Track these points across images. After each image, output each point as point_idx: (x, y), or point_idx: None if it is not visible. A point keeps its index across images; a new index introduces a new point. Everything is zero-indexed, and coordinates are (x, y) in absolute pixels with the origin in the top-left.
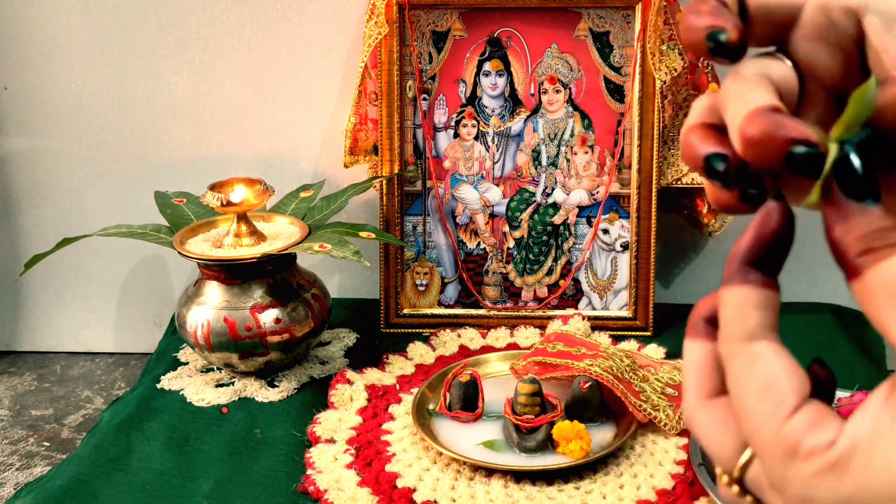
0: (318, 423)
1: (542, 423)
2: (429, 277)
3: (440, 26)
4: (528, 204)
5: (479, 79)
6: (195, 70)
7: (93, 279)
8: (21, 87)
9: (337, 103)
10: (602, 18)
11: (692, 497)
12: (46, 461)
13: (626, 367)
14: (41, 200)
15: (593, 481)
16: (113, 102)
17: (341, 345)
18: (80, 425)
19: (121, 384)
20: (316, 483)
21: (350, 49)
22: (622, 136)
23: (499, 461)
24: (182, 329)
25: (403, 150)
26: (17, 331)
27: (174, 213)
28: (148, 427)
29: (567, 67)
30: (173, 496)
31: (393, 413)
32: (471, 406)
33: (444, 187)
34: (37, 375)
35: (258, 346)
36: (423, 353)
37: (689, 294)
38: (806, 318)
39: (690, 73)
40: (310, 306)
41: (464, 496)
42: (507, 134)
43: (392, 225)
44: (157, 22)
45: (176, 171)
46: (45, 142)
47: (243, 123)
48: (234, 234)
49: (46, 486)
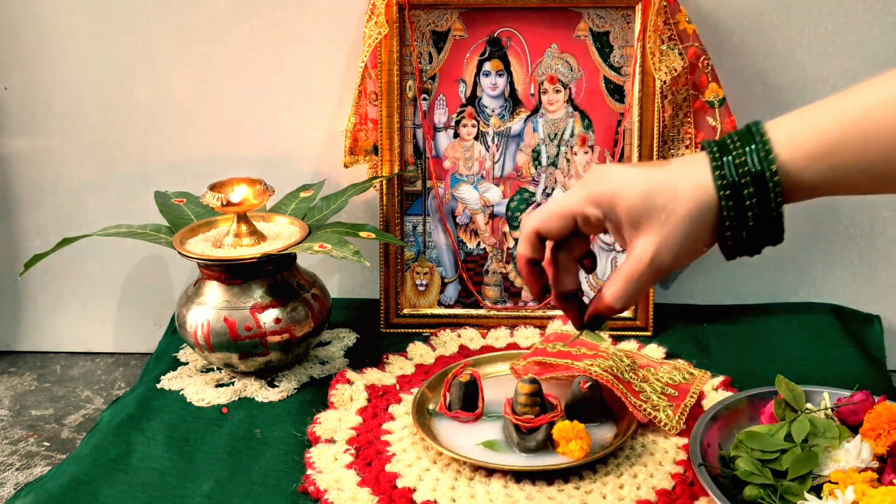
0: (318, 423)
1: (542, 423)
2: (429, 277)
3: (440, 26)
4: (528, 204)
5: (479, 79)
6: (195, 70)
7: (93, 279)
8: (21, 87)
9: (337, 103)
10: (602, 18)
11: (692, 497)
12: (46, 461)
13: (626, 367)
14: (41, 200)
15: (593, 481)
16: (113, 102)
17: (341, 345)
18: (80, 425)
19: (121, 384)
20: (316, 483)
21: (350, 49)
22: (622, 136)
23: (499, 461)
24: (182, 329)
25: (403, 150)
26: (17, 331)
27: (174, 213)
28: (148, 427)
29: (567, 67)
30: (173, 496)
31: (393, 413)
32: (471, 406)
33: (444, 187)
34: (37, 375)
35: (258, 346)
36: (423, 353)
37: (689, 294)
38: (806, 318)
39: (690, 73)
40: (310, 306)
41: (464, 496)
42: (507, 134)
43: (392, 225)
44: (157, 22)
45: (176, 171)
46: (45, 142)
47: (243, 123)
48: (234, 234)
49: (46, 486)
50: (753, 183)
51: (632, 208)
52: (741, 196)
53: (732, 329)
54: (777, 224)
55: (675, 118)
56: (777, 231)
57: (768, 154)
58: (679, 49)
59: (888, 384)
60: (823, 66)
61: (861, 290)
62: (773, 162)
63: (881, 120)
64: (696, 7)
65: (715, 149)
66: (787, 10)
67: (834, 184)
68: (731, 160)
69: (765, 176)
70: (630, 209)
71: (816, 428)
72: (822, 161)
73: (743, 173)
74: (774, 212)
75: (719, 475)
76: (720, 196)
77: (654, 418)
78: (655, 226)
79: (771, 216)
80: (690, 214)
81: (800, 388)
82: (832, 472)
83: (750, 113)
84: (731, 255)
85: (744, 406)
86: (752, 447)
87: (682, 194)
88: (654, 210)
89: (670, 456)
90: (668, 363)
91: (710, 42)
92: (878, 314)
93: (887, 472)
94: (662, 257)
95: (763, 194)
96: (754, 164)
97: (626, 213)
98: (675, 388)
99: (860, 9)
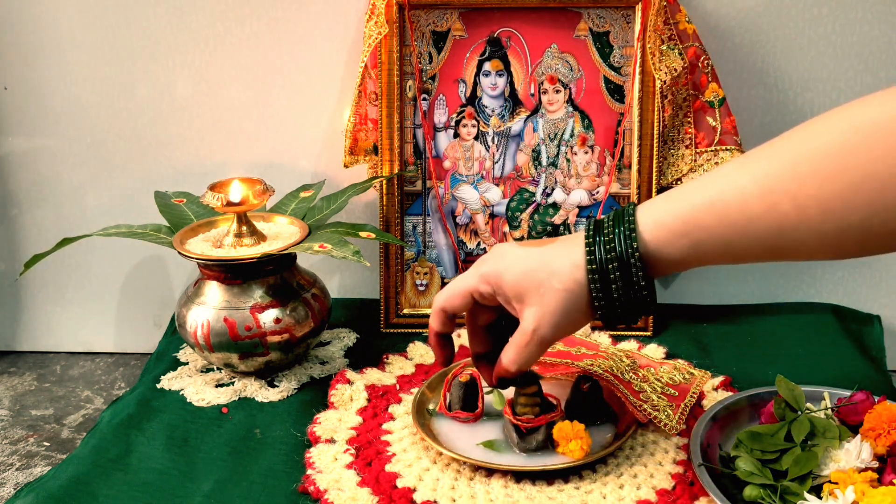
0: (318, 423)
1: (542, 423)
2: (429, 277)
3: (440, 26)
4: (528, 204)
5: (479, 79)
6: (195, 70)
7: (93, 279)
8: (21, 87)
9: (337, 103)
10: (602, 18)
11: (692, 497)
12: (46, 461)
13: (626, 367)
14: (41, 200)
15: (593, 481)
16: (113, 102)
17: (341, 345)
18: (80, 425)
19: (121, 384)
20: (316, 483)
21: (350, 49)
22: (622, 136)
23: (499, 461)
24: (182, 329)
25: (403, 150)
26: (17, 331)
27: (174, 213)
28: (148, 427)
29: (567, 67)
30: (173, 496)
31: (393, 413)
32: (471, 406)
33: (444, 187)
34: (37, 375)
35: (258, 346)
36: (423, 353)
37: (689, 294)
38: (806, 318)
39: (690, 73)
40: (310, 306)
41: (464, 496)
42: (507, 134)
43: (392, 225)
44: (156, 22)
45: (176, 171)
46: (45, 142)
47: (243, 123)
48: (234, 234)
49: (46, 486)
50: (618, 262)
51: (515, 284)
52: (606, 274)
53: (732, 329)
54: (644, 297)
55: (675, 118)
56: (647, 302)
57: (632, 235)
58: (679, 49)
59: (888, 384)
60: (823, 66)
61: (861, 290)
62: (636, 241)
63: (730, 204)
64: (696, 7)
65: (591, 230)
66: (787, 10)
67: (697, 258)
68: (601, 240)
69: (627, 256)
70: (513, 285)
71: (816, 428)
72: (683, 238)
73: (609, 255)
74: (638, 286)
75: (719, 475)
76: (588, 272)
77: (654, 418)
78: (535, 299)
79: (636, 290)
80: (566, 288)
81: (800, 388)
82: (832, 472)
83: (750, 113)
84: (608, 323)
85: (744, 406)
86: (752, 447)
87: (558, 272)
88: (533, 286)
89: (670, 456)
90: (668, 363)
91: (710, 42)
92: (878, 314)
93: (887, 472)
94: (544, 329)
95: (626, 272)
96: (619, 245)
97: (510, 289)
98: (675, 388)
99: (860, 9)
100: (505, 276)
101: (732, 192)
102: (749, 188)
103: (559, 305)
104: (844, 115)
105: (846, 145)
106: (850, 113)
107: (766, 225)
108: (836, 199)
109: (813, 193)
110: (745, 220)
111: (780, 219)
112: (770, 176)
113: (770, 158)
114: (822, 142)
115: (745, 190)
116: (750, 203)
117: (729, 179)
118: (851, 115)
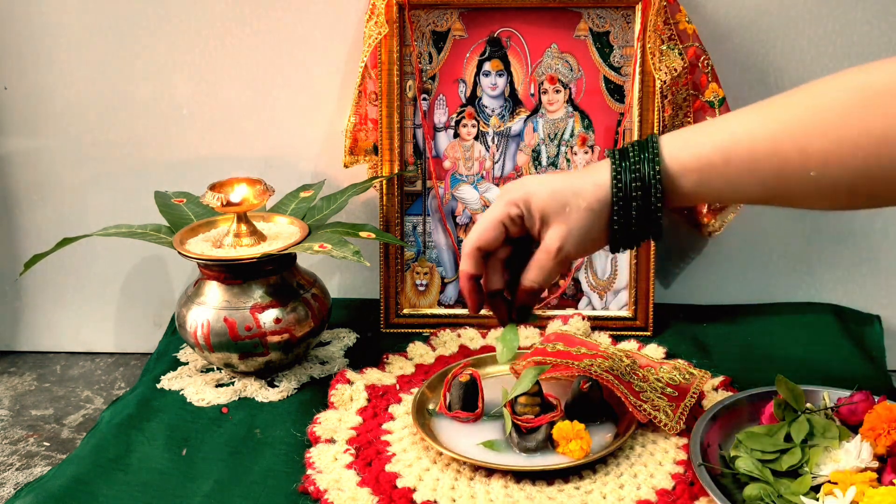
0: (318, 423)
1: (542, 423)
2: (429, 277)
3: (440, 26)
4: None
5: (479, 79)
6: (195, 70)
7: (93, 279)
8: (21, 87)
9: (337, 103)
10: (602, 18)
11: (692, 497)
12: (46, 461)
13: (626, 367)
14: (41, 200)
15: (593, 481)
16: (113, 103)
17: (341, 345)
18: (80, 425)
19: (121, 384)
20: (316, 483)
21: (350, 49)
22: (622, 136)
23: (499, 461)
24: (182, 329)
25: (403, 150)
26: (17, 331)
27: (174, 213)
28: (148, 427)
29: (567, 67)
30: (173, 496)
31: (393, 413)
32: (471, 406)
33: (444, 187)
34: (37, 375)
35: (258, 346)
36: (423, 353)
37: (689, 294)
38: (806, 318)
39: (690, 73)
40: (310, 306)
41: (464, 496)
42: (507, 134)
43: (392, 225)
44: (156, 22)
45: (176, 171)
46: (45, 142)
47: (243, 123)
48: (234, 234)
49: (46, 486)
50: (640, 182)
51: (543, 204)
52: (629, 195)
53: (732, 329)
54: (658, 219)
55: (675, 118)
56: (657, 228)
57: (656, 159)
58: (679, 49)
59: (888, 384)
60: (823, 66)
61: (861, 290)
62: (658, 165)
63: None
64: (696, 7)
65: (617, 155)
66: (787, 10)
67: (704, 193)
68: (627, 165)
69: (649, 178)
70: (541, 207)
71: (816, 428)
72: (694, 173)
73: (634, 175)
74: (655, 207)
75: (719, 475)
76: (612, 192)
77: (654, 418)
78: (561, 218)
79: (652, 212)
80: (590, 207)
81: (800, 388)
82: (832, 472)
83: None
84: (615, 248)
85: (744, 406)
86: (752, 447)
87: (583, 192)
88: (560, 205)
89: (670, 456)
90: (668, 363)
91: (710, 42)
92: (878, 314)
93: (887, 472)
94: (568, 246)
95: (646, 194)
96: (644, 168)
97: (538, 211)
98: (675, 388)
99: (860, 9)
100: (534, 198)
101: (743, 133)
102: (758, 132)
103: (583, 223)
104: (852, 76)
105: (847, 103)
106: (857, 75)
107: (770, 166)
108: (835, 150)
109: (815, 142)
110: (752, 161)
111: (782, 163)
112: (780, 122)
113: (781, 108)
114: (829, 98)
115: (755, 133)
116: (758, 145)
117: (741, 122)
118: (857, 77)
